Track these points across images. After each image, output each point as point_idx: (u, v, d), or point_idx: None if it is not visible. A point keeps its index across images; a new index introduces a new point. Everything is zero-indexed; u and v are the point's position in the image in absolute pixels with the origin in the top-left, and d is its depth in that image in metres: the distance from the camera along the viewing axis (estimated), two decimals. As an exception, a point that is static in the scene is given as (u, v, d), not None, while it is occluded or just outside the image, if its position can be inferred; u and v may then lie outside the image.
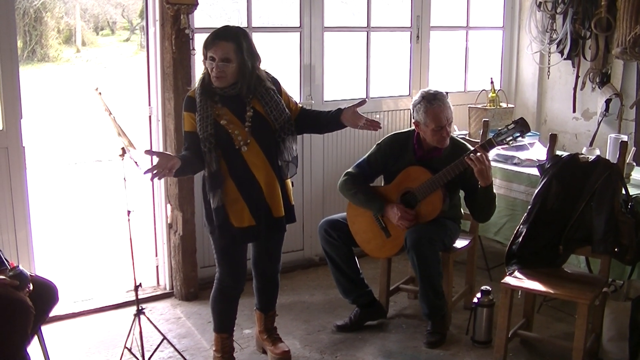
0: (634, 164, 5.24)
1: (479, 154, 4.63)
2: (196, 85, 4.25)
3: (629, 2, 5.77)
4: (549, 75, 7.06)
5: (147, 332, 4.71)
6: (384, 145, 5.12)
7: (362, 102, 4.40)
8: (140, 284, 4.56)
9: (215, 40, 4.09)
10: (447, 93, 5.00)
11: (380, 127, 4.40)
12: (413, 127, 5.02)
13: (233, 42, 4.09)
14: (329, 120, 4.44)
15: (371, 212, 4.98)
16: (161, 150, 5.54)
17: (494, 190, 4.80)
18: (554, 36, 6.73)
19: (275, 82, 4.37)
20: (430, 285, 4.83)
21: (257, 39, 5.80)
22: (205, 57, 4.14)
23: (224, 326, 4.55)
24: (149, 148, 5.63)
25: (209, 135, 4.14)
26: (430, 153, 4.98)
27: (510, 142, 4.73)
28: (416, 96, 5.00)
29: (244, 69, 4.13)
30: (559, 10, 6.58)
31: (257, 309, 4.79)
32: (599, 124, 6.26)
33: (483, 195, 4.80)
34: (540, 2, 6.72)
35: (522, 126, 4.65)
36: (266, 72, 4.35)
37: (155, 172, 3.97)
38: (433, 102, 4.86)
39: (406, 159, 5.00)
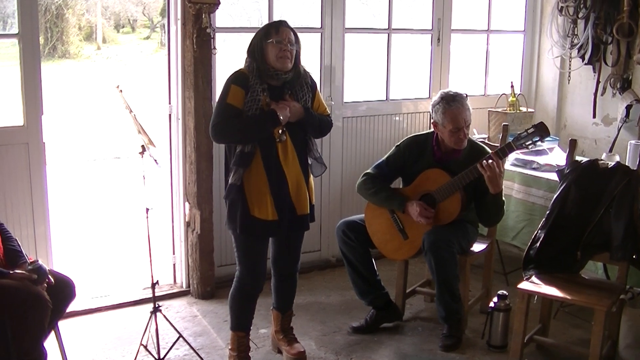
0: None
1: (491, 161, 4.63)
2: (245, 66, 4.34)
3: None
4: (569, 80, 7.02)
5: (163, 330, 4.72)
6: (403, 146, 5.12)
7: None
8: (157, 281, 4.58)
9: (281, 26, 4.30)
10: (466, 95, 4.99)
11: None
12: (432, 129, 5.02)
13: (292, 31, 4.31)
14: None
15: (389, 214, 4.99)
16: (180, 150, 5.57)
17: (514, 195, 4.78)
18: (575, 41, 6.69)
19: (313, 82, 4.48)
20: (447, 288, 4.82)
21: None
22: (266, 42, 4.24)
23: (241, 325, 4.56)
24: (168, 146, 5.67)
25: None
26: (449, 155, 4.97)
27: (530, 147, 4.73)
28: (436, 97, 5.01)
29: (297, 58, 4.31)
30: (580, 15, 6.54)
31: (274, 309, 4.80)
32: (619, 130, 6.21)
33: (492, 201, 4.80)
34: (561, 7, 6.68)
35: (541, 130, 4.64)
36: (306, 70, 4.47)
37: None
38: (452, 104, 4.86)
39: (425, 161, 5.00)
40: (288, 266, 4.66)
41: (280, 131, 4.26)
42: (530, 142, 4.67)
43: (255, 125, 4.18)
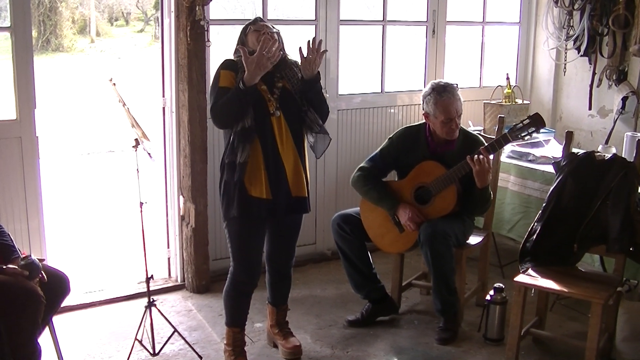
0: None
1: (481, 155, 4.62)
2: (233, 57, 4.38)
3: (647, -1, 5.73)
4: (565, 72, 7.01)
5: (158, 324, 4.71)
6: (395, 138, 5.10)
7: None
8: (152, 275, 4.57)
9: (257, 21, 4.41)
10: (457, 85, 4.97)
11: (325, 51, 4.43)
12: (424, 119, 5.02)
13: (271, 26, 4.41)
14: (305, 92, 4.40)
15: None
16: (174, 143, 5.55)
17: (510, 187, 4.77)
18: (571, 32, 6.67)
19: (297, 65, 4.44)
20: (443, 281, 4.81)
21: (272, 32, 5.80)
22: (246, 33, 4.38)
23: (236, 321, 4.54)
24: (162, 139, 5.64)
25: None
26: (443, 146, 4.96)
27: (526, 138, 4.74)
28: (426, 88, 4.99)
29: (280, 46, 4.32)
30: (576, 6, 6.53)
31: (269, 303, 4.78)
32: (615, 122, 6.21)
33: (478, 195, 4.81)
34: (557, -2, 6.68)
35: (536, 121, 4.65)
36: (295, 61, 4.47)
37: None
38: (443, 94, 4.85)
39: (419, 152, 4.99)
40: (283, 263, 4.64)
41: (274, 105, 4.25)
42: (526, 133, 4.68)
43: (234, 92, 4.14)
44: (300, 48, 4.27)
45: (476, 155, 4.64)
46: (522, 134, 4.69)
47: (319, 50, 4.27)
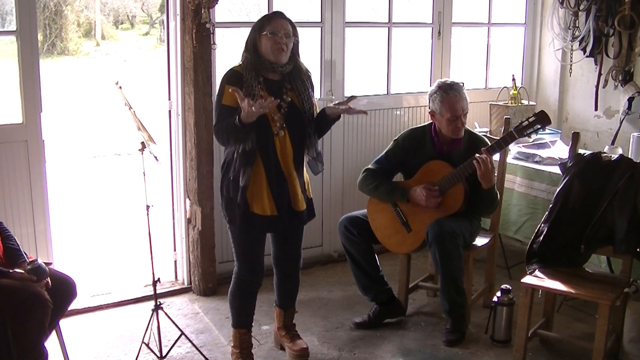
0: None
1: (484, 156, 4.62)
2: (240, 63, 4.28)
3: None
4: (570, 73, 7.00)
5: (164, 327, 4.71)
6: (401, 140, 5.11)
7: (349, 99, 4.41)
8: (159, 278, 4.57)
9: (275, 16, 4.26)
10: (463, 84, 4.98)
11: (365, 113, 4.48)
12: (429, 121, 5.02)
13: (289, 22, 4.26)
14: (319, 120, 4.43)
15: (391, 208, 4.97)
16: (180, 146, 5.55)
17: (517, 189, 4.76)
18: (577, 33, 6.66)
19: (308, 75, 4.43)
20: (451, 281, 4.80)
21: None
22: (260, 34, 4.20)
23: (242, 321, 4.54)
24: (168, 142, 5.65)
25: None
26: (450, 146, 4.97)
27: (532, 135, 4.74)
28: (432, 86, 5.01)
29: (295, 50, 4.29)
30: (582, 7, 6.51)
31: (277, 306, 4.78)
32: (621, 123, 6.20)
33: (485, 195, 4.80)
34: (563, -1, 6.67)
35: (542, 119, 4.67)
36: (307, 68, 4.44)
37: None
38: (449, 92, 4.86)
39: (425, 153, 4.99)
40: (290, 264, 4.65)
41: (278, 124, 4.22)
42: (531, 130, 4.68)
43: (232, 126, 4.06)
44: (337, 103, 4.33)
45: (478, 156, 4.64)
46: (528, 131, 4.68)
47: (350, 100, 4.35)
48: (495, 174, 4.81)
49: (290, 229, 4.49)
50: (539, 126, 4.66)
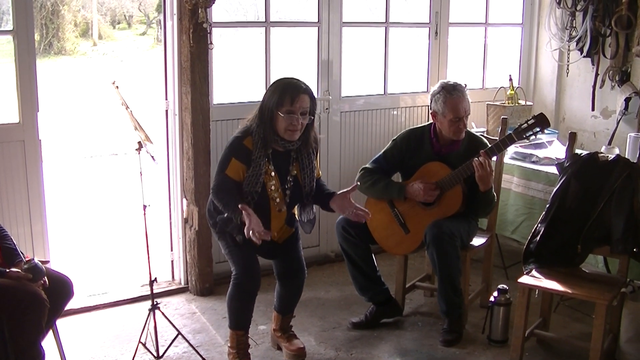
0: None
1: (482, 158, 4.62)
2: (248, 131, 4.27)
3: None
4: (567, 73, 7.00)
5: (161, 327, 4.70)
6: (399, 140, 5.10)
7: (354, 188, 4.47)
8: (156, 278, 4.57)
9: (299, 93, 4.18)
10: (465, 85, 4.98)
11: (369, 216, 4.46)
12: (426, 121, 5.01)
13: (309, 94, 4.23)
14: (323, 197, 4.51)
15: (389, 209, 4.98)
16: (177, 146, 5.54)
17: (514, 189, 4.76)
18: (574, 33, 6.67)
19: (315, 147, 4.48)
20: (449, 281, 4.81)
21: (275, 34, 5.81)
22: (279, 110, 4.15)
23: (240, 324, 4.52)
24: (165, 142, 5.64)
25: (254, 192, 4.24)
26: (448, 147, 4.97)
27: (531, 138, 4.74)
28: (435, 86, 5.00)
29: (310, 126, 4.31)
30: (579, 7, 6.52)
31: (276, 310, 4.79)
32: (618, 123, 6.20)
33: (482, 197, 4.81)
34: (560, -1, 6.67)
35: (542, 121, 4.66)
36: (316, 134, 4.48)
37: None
38: (452, 93, 4.86)
39: (424, 154, 4.99)
40: (295, 276, 4.66)
41: (278, 200, 4.32)
42: (531, 132, 4.68)
43: (227, 216, 4.20)
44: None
45: (477, 159, 4.64)
46: (527, 134, 4.68)
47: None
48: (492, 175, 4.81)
49: (283, 249, 4.58)
50: (538, 129, 4.66)
